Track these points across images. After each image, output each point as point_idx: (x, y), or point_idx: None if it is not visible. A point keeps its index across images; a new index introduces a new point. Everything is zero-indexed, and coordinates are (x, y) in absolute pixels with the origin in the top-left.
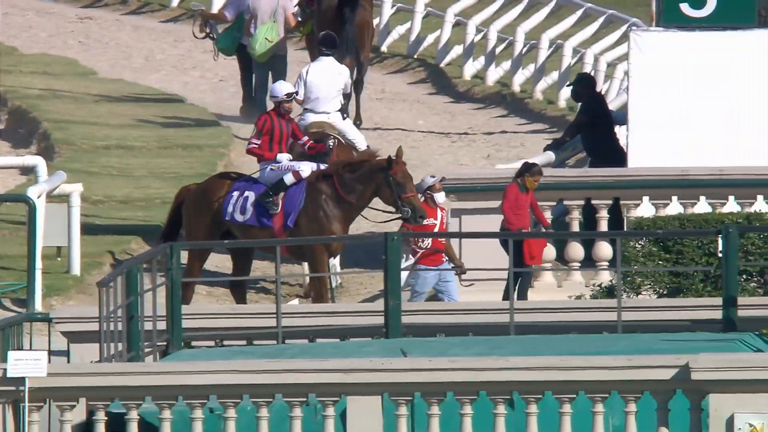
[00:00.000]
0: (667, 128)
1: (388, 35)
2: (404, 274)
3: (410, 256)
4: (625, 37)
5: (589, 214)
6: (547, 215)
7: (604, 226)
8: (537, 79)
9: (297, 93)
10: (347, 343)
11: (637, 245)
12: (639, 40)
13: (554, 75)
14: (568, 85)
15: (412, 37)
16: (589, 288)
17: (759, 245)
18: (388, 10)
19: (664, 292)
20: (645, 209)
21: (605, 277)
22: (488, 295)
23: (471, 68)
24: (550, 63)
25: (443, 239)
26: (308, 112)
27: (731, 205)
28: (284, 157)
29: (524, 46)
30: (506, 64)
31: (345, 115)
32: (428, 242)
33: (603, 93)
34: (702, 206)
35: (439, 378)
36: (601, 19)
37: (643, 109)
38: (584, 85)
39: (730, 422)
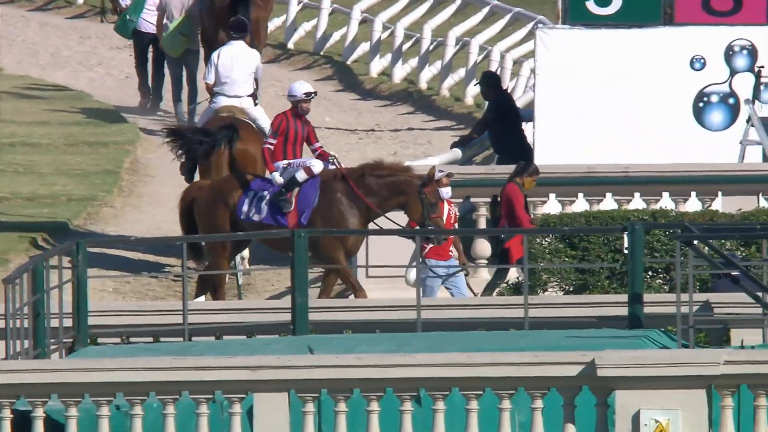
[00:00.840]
0: (574, 125)
1: (294, 32)
2: (414, 271)
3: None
4: (531, 35)
5: (496, 211)
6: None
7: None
8: (444, 77)
9: (315, 93)
10: (254, 340)
11: (543, 242)
12: (545, 38)
13: (461, 72)
14: (475, 84)
15: (319, 34)
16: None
17: (664, 242)
18: (294, 7)
19: (571, 289)
20: (551, 206)
21: (512, 274)
22: (396, 292)
23: (378, 65)
24: (456, 60)
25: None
26: (219, 95)
27: (637, 202)
28: (276, 177)
29: (431, 44)
30: (413, 62)
31: (257, 101)
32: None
33: (509, 90)
34: (608, 203)
35: (346, 375)
36: (507, 17)
37: (549, 107)
38: (490, 84)
39: (636, 418)
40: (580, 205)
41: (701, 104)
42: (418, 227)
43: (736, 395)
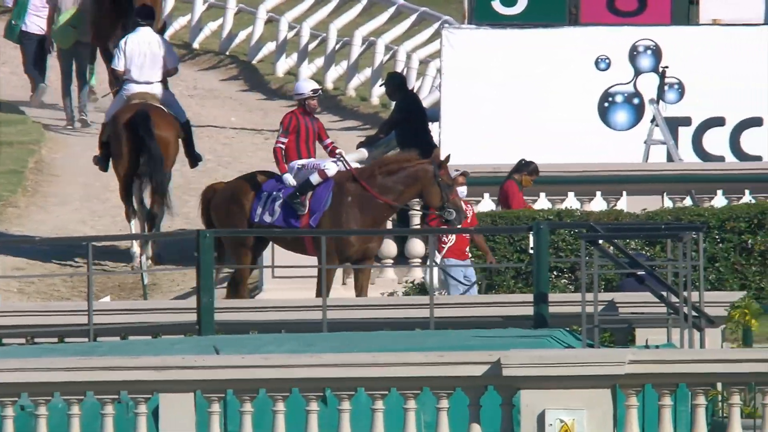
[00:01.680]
0: (480, 125)
1: (200, 32)
2: (436, 272)
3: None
4: (437, 35)
5: (403, 212)
6: None
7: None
8: (350, 76)
9: (321, 90)
10: (160, 341)
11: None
12: (451, 38)
13: (367, 72)
14: (381, 85)
15: (224, 33)
16: (401, 285)
17: (569, 242)
18: (200, 7)
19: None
20: None
21: (418, 274)
22: (302, 292)
23: (284, 65)
24: (362, 60)
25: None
26: (130, 82)
27: (542, 202)
28: (288, 178)
29: (337, 43)
30: (319, 61)
31: (168, 86)
32: (453, 237)
33: (415, 90)
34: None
35: (252, 375)
36: (413, 17)
37: (455, 106)
38: (395, 84)
39: (541, 418)
40: (486, 205)
41: (606, 104)
42: (445, 219)
43: (640, 395)
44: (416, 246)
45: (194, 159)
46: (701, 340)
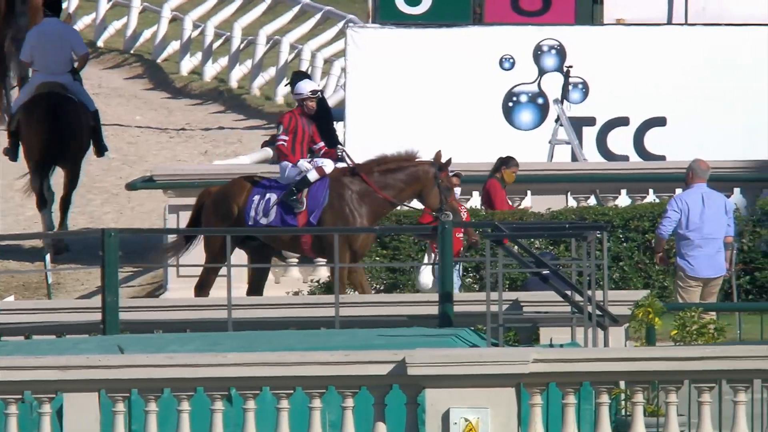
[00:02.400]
0: (385, 124)
1: (104, 30)
2: (428, 276)
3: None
4: (342, 34)
5: None
6: None
7: None
8: (254, 75)
9: (321, 92)
10: (64, 340)
11: None
12: (356, 37)
13: (271, 71)
14: (286, 84)
15: (129, 32)
16: (306, 284)
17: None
18: (104, 5)
19: (382, 288)
20: None
21: (323, 273)
22: (210, 291)
23: (188, 64)
24: (267, 59)
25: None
26: (38, 73)
27: None
28: (304, 163)
29: (241, 42)
30: (223, 60)
31: (76, 77)
32: None
33: (321, 89)
34: (419, 203)
35: (157, 374)
36: (318, 16)
37: (360, 105)
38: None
39: (445, 417)
40: None
41: (510, 104)
42: (434, 214)
43: (544, 393)
44: None
45: (101, 149)
46: (605, 338)
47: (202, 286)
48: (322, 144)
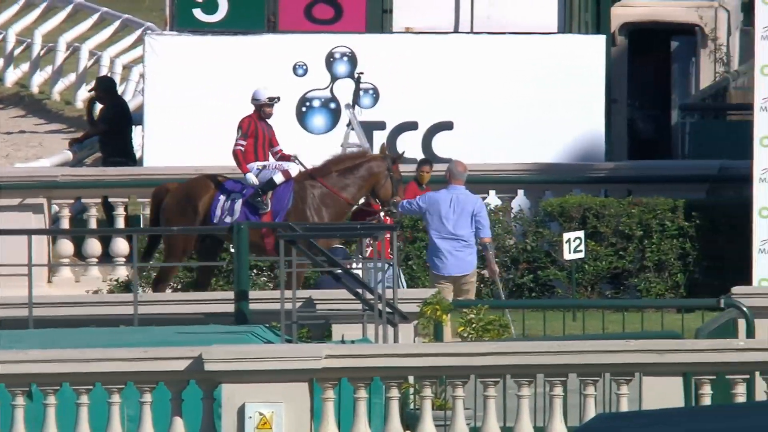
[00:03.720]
0: (183, 129)
1: None
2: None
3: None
4: (140, 41)
5: (108, 212)
6: (66, 213)
7: (120, 223)
8: (55, 81)
9: (278, 98)
10: None
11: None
12: (154, 44)
13: (71, 76)
14: (89, 90)
15: None
16: (106, 283)
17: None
18: None
19: (179, 287)
20: None
21: (122, 272)
22: (11, 290)
23: None
24: (67, 65)
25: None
26: None
27: None
28: (250, 178)
29: (42, 48)
30: (24, 66)
31: None
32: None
33: (120, 94)
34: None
35: None
36: (116, 23)
37: (159, 111)
38: (105, 88)
39: (241, 411)
40: None
41: (304, 108)
42: (390, 212)
43: (337, 388)
44: (120, 245)
45: None
46: (395, 335)
47: (160, 281)
48: (279, 148)
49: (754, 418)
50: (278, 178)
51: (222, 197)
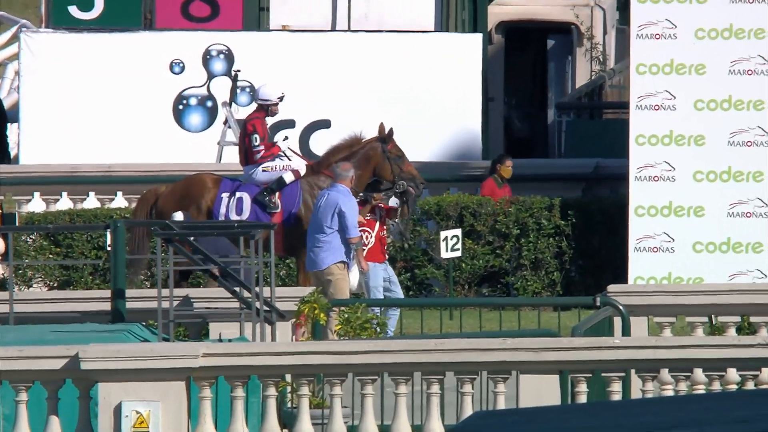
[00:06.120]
0: (60, 126)
1: None
2: (355, 278)
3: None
4: (16, 38)
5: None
6: None
7: None
8: None
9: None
10: None
11: (28, 239)
12: (29, 41)
13: None
14: None
15: None
16: None
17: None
18: None
19: (55, 285)
20: (35, 205)
21: None
22: None
23: None
24: None
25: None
26: None
27: (119, 201)
28: (287, 176)
29: None
30: None
31: None
32: (371, 240)
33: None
34: (91, 202)
35: None
36: None
37: (35, 108)
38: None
39: (117, 410)
40: (65, 203)
41: (180, 106)
42: (400, 191)
43: (214, 386)
44: None
45: None
46: (272, 333)
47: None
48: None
49: (626, 416)
50: (288, 177)
51: (225, 195)
